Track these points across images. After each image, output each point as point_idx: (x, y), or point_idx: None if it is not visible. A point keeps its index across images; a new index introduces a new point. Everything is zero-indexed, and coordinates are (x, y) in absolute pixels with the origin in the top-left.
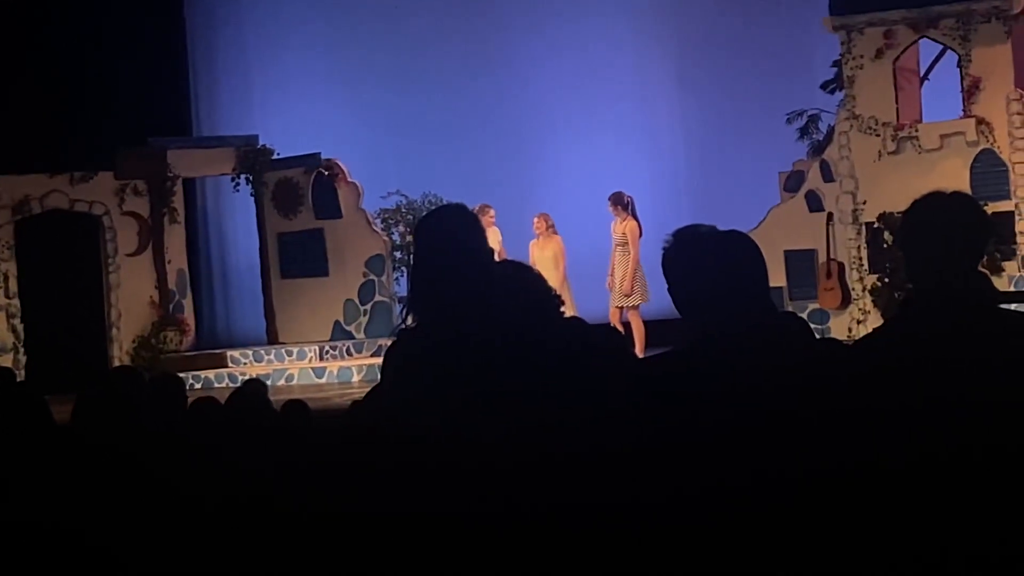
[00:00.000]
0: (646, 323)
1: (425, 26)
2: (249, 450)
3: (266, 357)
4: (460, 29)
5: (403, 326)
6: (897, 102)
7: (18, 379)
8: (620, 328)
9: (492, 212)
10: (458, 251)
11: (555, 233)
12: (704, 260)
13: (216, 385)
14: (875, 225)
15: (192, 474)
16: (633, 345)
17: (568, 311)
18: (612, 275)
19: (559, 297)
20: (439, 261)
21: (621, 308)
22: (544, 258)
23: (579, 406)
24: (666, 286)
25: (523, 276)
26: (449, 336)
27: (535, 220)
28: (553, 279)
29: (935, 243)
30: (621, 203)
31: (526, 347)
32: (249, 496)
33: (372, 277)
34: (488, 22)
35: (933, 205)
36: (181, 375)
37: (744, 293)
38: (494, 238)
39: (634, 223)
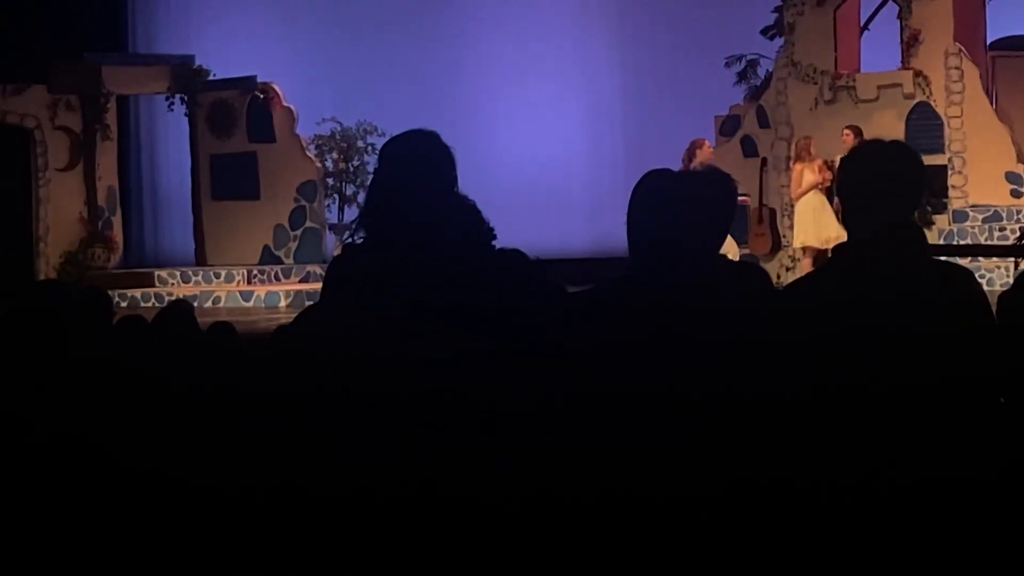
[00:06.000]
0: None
1: None
2: (176, 365)
3: (194, 278)
4: None
5: (350, 240)
6: (836, 51)
7: None
8: None
9: None
10: (424, 175)
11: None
12: (669, 201)
13: (142, 304)
14: None
15: (118, 384)
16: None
17: None
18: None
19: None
20: (403, 181)
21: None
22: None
23: (515, 332)
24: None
25: (471, 209)
26: (396, 256)
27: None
28: None
29: (874, 192)
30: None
31: (470, 275)
32: (173, 409)
33: (303, 203)
34: None
35: (875, 154)
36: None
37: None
38: None
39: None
